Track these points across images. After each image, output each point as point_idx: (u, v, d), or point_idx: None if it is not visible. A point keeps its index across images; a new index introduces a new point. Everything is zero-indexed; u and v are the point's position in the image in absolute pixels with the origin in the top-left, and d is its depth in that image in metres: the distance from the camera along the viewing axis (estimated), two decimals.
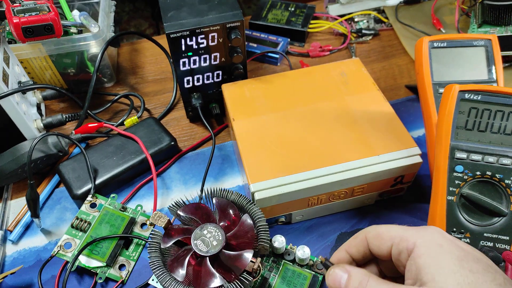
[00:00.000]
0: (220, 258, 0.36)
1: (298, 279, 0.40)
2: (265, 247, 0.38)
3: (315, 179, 0.41)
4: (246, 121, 0.46)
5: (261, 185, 0.40)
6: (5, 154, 0.47)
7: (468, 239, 0.38)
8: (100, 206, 0.45)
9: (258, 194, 0.40)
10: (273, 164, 0.42)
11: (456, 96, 0.39)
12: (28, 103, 0.51)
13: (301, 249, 0.40)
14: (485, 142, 0.39)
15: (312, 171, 0.41)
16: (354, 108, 0.47)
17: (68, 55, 0.56)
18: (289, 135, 0.44)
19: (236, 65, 0.50)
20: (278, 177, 0.41)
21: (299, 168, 0.41)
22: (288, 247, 0.41)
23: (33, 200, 0.44)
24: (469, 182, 0.39)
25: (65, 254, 0.42)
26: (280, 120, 0.46)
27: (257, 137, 0.44)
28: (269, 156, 0.43)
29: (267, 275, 0.40)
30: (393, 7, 0.70)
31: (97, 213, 0.45)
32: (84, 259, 0.41)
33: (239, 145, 0.44)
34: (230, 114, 0.47)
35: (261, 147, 0.43)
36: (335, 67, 0.52)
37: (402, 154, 0.42)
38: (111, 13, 0.60)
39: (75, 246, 0.42)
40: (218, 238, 0.36)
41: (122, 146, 0.50)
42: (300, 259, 0.40)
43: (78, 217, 0.44)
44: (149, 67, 0.65)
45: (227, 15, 0.46)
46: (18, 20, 0.42)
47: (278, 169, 0.41)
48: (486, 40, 0.48)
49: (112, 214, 0.45)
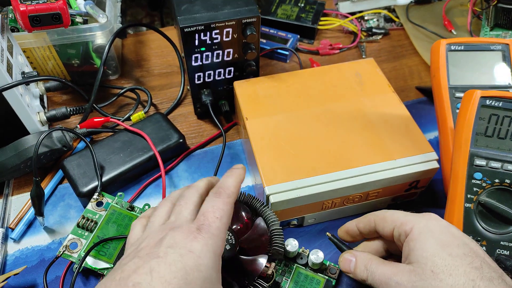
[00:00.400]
0: (234, 262, 0.35)
1: (311, 284, 0.39)
2: (279, 252, 0.37)
3: (331, 183, 0.40)
4: (259, 120, 0.45)
5: (276, 188, 0.39)
6: (7, 148, 0.45)
7: (484, 247, 0.38)
8: (107, 204, 0.44)
9: (273, 197, 0.39)
10: (288, 167, 0.41)
11: (477, 102, 0.39)
12: (31, 95, 0.49)
13: (314, 253, 0.39)
14: (504, 150, 0.39)
15: (327, 174, 0.40)
16: (369, 110, 0.46)
17: (72, 46, 0.54)
18: (304, 136, 0.43)
19: (249, 62, 0.49)
20: (293, 180, 0.40)
21: (315, 171, 0.40)
22: (301, 251, 0.41)
23: (38, 197, 0.42)
24: (487, 190, 0.38)
25: (71, 254, 0.40)
26: (294, 120, 0.45)
27: (271, 138, 0.43)
28: (283, 158, 0.42)
29: (279, 279, 0.40)
30: (404, 6, 0.69)
31: (104, 212, 0.43)
32: (91, 260, 0.40)
33: (253, 146, 0.43)
34: (243, 113, 0.46)
35: (275, 148, 0.42)
36: (349, 67, 0.51)
37: (419, 159, 0.42)
38: (118, 3, 0.58)
39: (81, 246, 0.41)
40: (232, 242, 0.35)
41: (129, 142, 0.49)
42: (314, 263, 0.39)
43: (84, 216, 0.42)
44: (155, 60, 0.63)
45: (243, 10, 0.45)
46: (25, 8, 0.40)
47: (293, 172, 0.40)
48: (503, 45, 0.47)
49: (119, 213, 0.43)
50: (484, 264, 0.29)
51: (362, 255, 0.35)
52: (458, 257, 0.30)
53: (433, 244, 0.31)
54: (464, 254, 0.30)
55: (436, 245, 0.31)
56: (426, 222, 0.33)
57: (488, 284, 0.28)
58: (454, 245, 0.31)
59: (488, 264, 0.30)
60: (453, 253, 0.30)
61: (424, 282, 0.29)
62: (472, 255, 0.30)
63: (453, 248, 0.30)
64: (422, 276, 0.30)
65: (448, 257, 0.30)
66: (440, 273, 0.29)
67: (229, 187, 0.32)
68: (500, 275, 0.29)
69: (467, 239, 0.32)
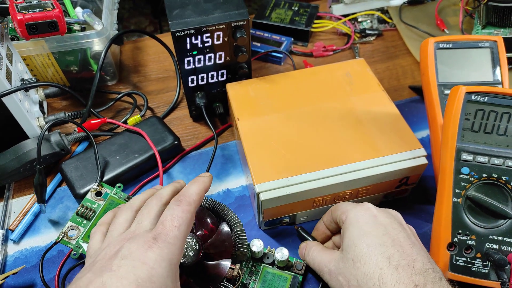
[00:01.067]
0: (199, 268, 0.36)
1: (278, 282, 0.40)
2: (243, 253, 0.38)
3: (321, 180, 0.40)
4: (251, 121, 0.46)
5: (266, 186, 0.40)
6: (7, 153, 0.47)
7: (473, 241, 0.38)
8: (105, 195, 0.45)
9: (263, 194, 0.40)
10: (278, 165, 0.42)
11: (463, 98, 0.39)
12: (30, 101, 0.51)
13: (279, 251, 0.40)
14: (491, 144, 0.39)
15: (317, 172, 0.41)
16: (359, 108, 0.46)
17: (71, 53, 0.55)
18: (294, 135, 0.44)
19: (240, 64, 0.50)
20: (283, 178, 0.40)
21: (304, 169, 0.41)
22: (267, 250, 0.41)
23: (40, 185, 0.44)
24: (475, 184, 0.39)
25: (69, 241, 0.41)
26: (284, 120, 0.46)
27: (262, 137, 0.44)
28: (274, 156, 0.42)
29: (247, 281, 0.40)
30: (397, 7, 0.70)
31: (103, 201, 0.44)
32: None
33: (244, 145, 0.43)
34: (235, 114, 0.47)
35: (266, 148, 0.43)
36: (340, 67, 0.51)
37: (408, 156, 0.42)
38: (114, 11, 0.60)
39: (79, 234, 0.42)
40: (196, 248, 0.35)
41: (125, 145, 0.50)
42: (279, 261, 0.40)
43: (83, 205, 0.44)
44: (152, 66, 0.65)
45: (232, 14, 0.46)
46: (22, 17, 0.42)
47: (283, 170, 0.41)
48: (491, 42, 0.47)
49: (117, 203, 0.45)
50: (396, 253, 0.32)
51: (310, 243, 0.40)
52: (373, 247, 0.32)
53: (355, 233, 0.34)
54: (380, 244, 0.32)
55: (358, 235, 0.34)
56: (356, 212, 0.35)
57: (393, 272, 0.31)
58: (373, 235, 0.33)
59: (401, 253, 0.32)
60: (370, 243, 0.33)
61: (346, 269, 0.33)
62: (388, 245, 0.32)
63: (372, 238, 0.33)
64: (346, 264, 0.33)
65: (365, 247, 0.32)
66: (357, 261, 0.32)
67: (190, 195, 0.32)
68: (410, 262, 0.31)
69: (391, 228, 0.34)
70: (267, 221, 0.44)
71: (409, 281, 0.30)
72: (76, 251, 0.41)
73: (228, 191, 0.49)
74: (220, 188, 0.49)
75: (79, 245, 0.41)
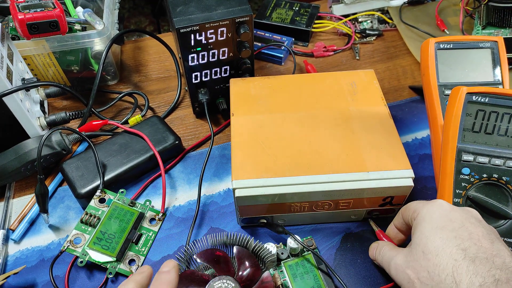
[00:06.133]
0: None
1: (304, 267, 0.41)
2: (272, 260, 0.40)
3: (297, 185, 0.39)
4: (244, 117, 0.46)
5: (243, 183, 0.40)
6: (8, 152, 0.47)
7: None
8: (109, 201, 0.45)
9: (238, 191, 0.39)
10: (260, 164, 0.41)
11: (464, 98, 0.39)
12: (31, 101, 0.51)
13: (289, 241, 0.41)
14: (492, 145, 0.39)
15: (296, 177, 0.40)
16: (355, 120, 0.45)
17: (71, 52, 0.55)
18: (284, 138, 0.44)
19: (243, 60, 0.51)
20: (262, 178, 0.40)
21: (284, 172, 0.40)
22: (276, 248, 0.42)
23: (42, 195, 0.43)
24: (475, 185, 0.39)
25: (74, 249, 0.41)
26: (277, 121, 0.45)
27: (251, 135, 0.44)
28: (258, 155, 0.42)
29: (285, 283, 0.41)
30: (397, 7, 0.70)
31: (106, 208, 0.45)
32: (94, 254, 0.41)
33: (232, 140, 0.43)
34: (231, 109, 0.47)
35: (252, 146, 0.43)
36: (346, 76, 0.50)
37: (393, 175, 0.40)
38: (115, 10, 0.60)
39: (84, 241, 0.42)
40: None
41: (126, 144, 0.50)
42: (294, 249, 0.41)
43: (87, 212, 0.44)
44: (153, 65, 0.65)
45: (236, 9, 0.46)
46: (23, 16, 0.42)
47: (264, 170, 0.41)
48: (492, 42, 0.48)
49: (121, 209, 0.45)
50: (473, 246, 0.31)
51: (381, 243, 0.39)
52: (447, 240, 0.32)
53: (428, 228, 0.33)
54: (455, 237, 0.32)
55: (430, 229, 0.33)
56: (428, 208, 0.35)
57: (469, 263, 0.30)
58: (448, 229, 0.32)
59: (479, 246, 0.31)
60: (444, 236, 0.32)
61: (416, 262, 0.32)
62: (464, 238, 0.31)
63: (446, 231, 0.32)
64: (415, 257, 0.33)
65: (438, 240, 0.32)
66: (428, 253, 0.32)
67: None
68: (490, 256, 0.30)
69: (468, 223, 0.33)
70: (244, 218, 0.43)
71: (487, 275, 0.28)
72: (83, 259, 0.41)
73: (228, 191, 0.49)
74: (221, 187, 0.49)
75: (85, 252, 0.41)
